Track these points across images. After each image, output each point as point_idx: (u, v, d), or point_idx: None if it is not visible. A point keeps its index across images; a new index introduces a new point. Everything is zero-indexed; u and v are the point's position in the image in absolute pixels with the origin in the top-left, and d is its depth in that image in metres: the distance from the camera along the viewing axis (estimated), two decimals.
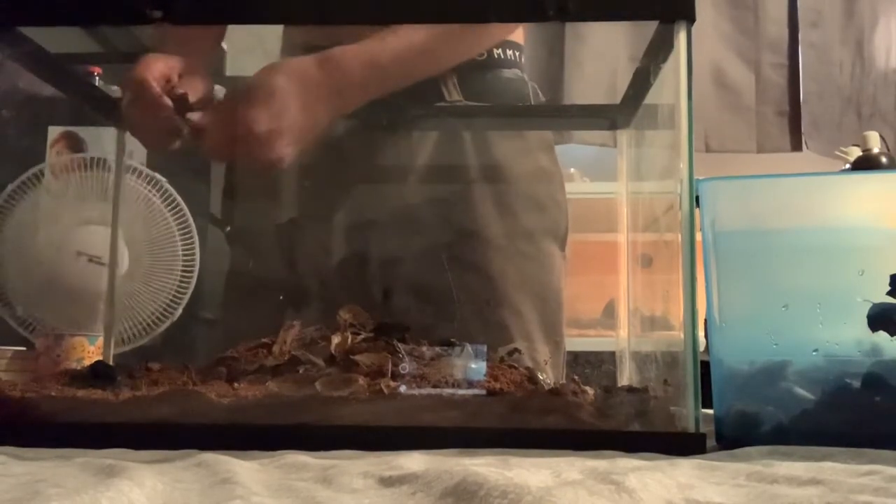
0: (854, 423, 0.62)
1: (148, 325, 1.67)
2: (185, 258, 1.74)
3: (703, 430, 0.62)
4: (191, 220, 1.75)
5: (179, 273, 1.73)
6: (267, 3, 0.71)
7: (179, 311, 1.61)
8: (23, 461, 0.53)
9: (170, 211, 1.74)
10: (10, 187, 1.54)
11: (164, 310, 1.70)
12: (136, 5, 0.67)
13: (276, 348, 0.73)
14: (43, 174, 1.53)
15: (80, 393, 0.67)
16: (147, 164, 1.85)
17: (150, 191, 1.70)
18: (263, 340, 0.75)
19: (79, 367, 0.88)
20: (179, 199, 1.74)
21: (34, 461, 0.53)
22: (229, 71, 2.10)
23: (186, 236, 1.75)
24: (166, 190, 1.72)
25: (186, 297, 1.64)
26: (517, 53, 1.06)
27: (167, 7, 0.67)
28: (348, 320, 0.75)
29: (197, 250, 1.75)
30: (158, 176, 1.69)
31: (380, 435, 0.61)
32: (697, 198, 0.67)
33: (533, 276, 1.01)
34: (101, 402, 0.65)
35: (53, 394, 0.67)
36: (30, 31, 0.76)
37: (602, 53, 2.45)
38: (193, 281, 1.72)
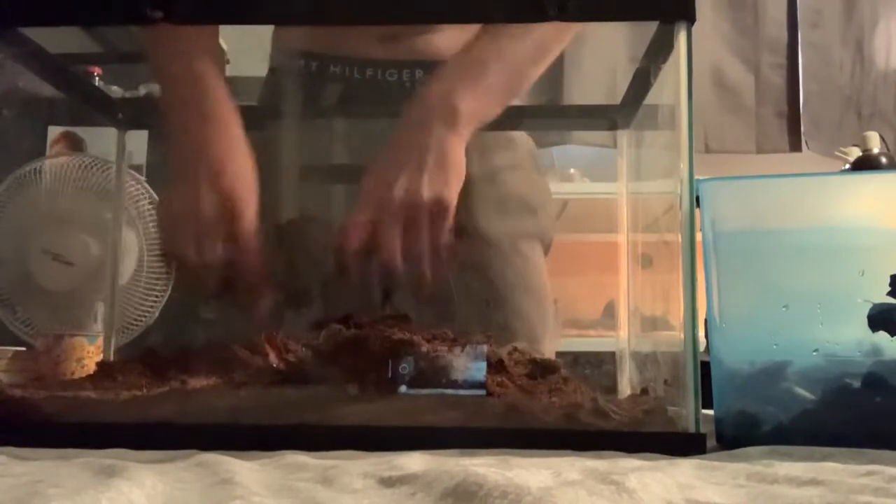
0: (854, 424, 0.62)
1: (132, 323, 1.65)
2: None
3: (703, 430, 0.62)
4: None
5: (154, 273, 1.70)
6: (267, 3, 0.71)
7: (156, 313, 1.60)
8: (23, 461, 0.53)
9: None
10: (3, 185, 1.52)
11: (149, 309, 1.69)
12: (136, 5, 0.67)
13: (272, 357, 0.72)
14: (37, 172, 1.51)
15: (81, 393, 0.67)
16: (147, 163, 1.86)
17: (135, 190, 1.68)
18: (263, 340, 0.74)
19: (78, 368, 0.88)
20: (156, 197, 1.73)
21: (34, 461, 0.53)
22: (229, 71, 2.09)
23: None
24: (146, 190, 1.70)
25: (164, 299, 1.62)
26: None
27: (167, 7, 0.67)
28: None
29: None
30: (138, 175, 1.68)
31: (380, 435, 0.61)
32: (697, 198, 0.67)
33: (523, 276, 1.01)
34: (101, 402, 0.65)
35: (53, 394, 0.66)
36: (30, 31, 0.76)
37: (602, 54, 2.45)
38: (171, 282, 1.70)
